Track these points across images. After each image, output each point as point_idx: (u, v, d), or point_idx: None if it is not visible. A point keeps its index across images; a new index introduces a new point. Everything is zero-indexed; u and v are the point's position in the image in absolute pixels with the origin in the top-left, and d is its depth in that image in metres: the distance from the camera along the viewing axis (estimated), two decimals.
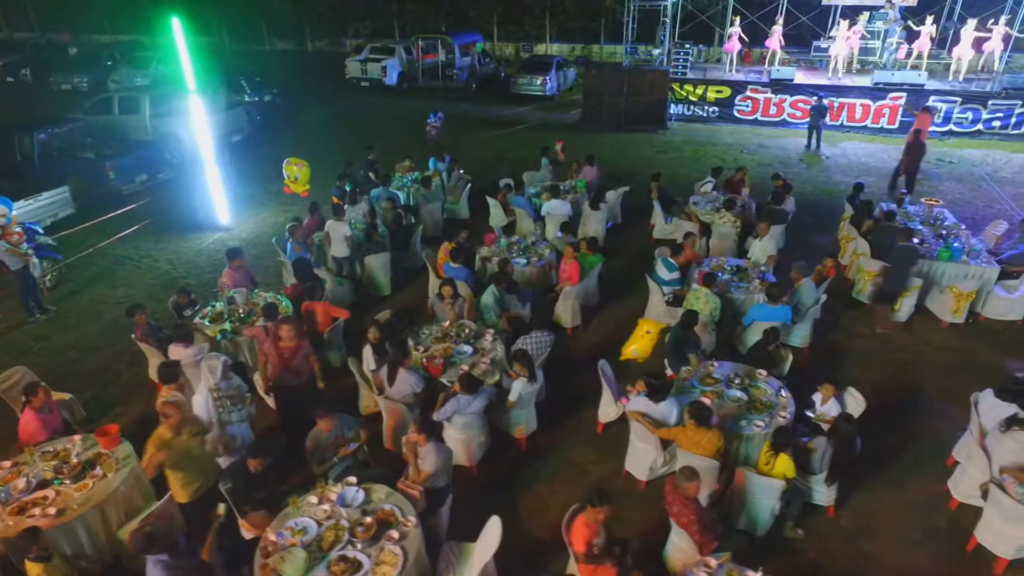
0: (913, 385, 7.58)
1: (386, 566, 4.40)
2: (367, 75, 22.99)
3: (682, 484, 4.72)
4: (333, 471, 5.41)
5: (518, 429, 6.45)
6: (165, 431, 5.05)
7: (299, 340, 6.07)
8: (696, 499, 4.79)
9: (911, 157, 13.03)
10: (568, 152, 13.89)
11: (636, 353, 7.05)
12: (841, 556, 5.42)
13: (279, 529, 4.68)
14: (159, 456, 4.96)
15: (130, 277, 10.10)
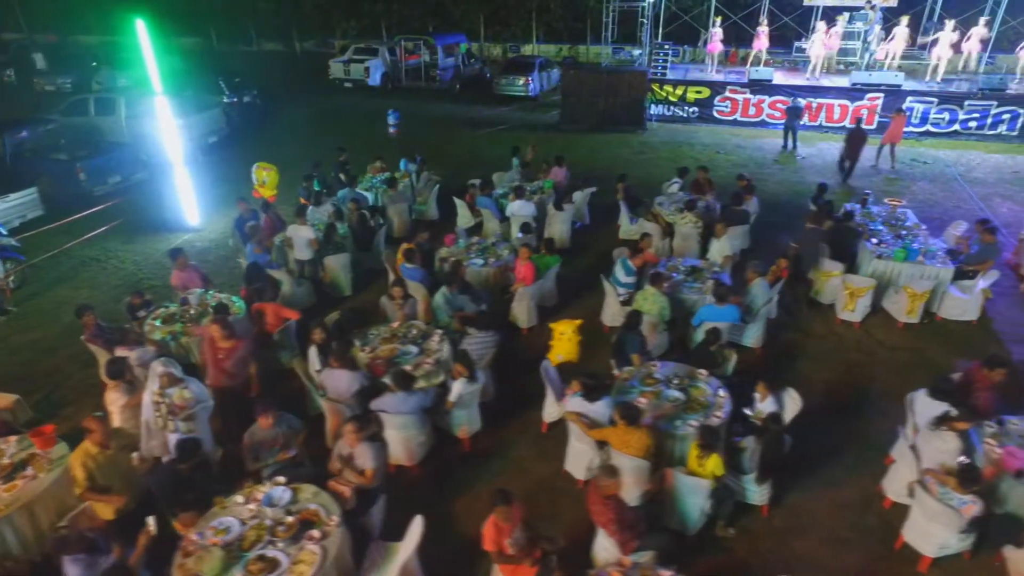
0: (863, 385, 7.62)
1: (303, 565, 4.44)
2: (350, 76, 23.04)
3: (601, 483, 4.76)
4: (267, 471, 5.45)
5: (461, 429, 6.49)
6: (90, 446, 5.07)
7: (234, 342, 6.10)
8: (616, 498, 4.82)
9: (851, 146, 14.00)
10: (540, 153, 13.91)
11: (561, 358, 7.09)
12: (770, 555, 5.45)
13: (202, 529, 4.73)
14: (84, 472, 4.97)
15: (95, 278, 10.13)
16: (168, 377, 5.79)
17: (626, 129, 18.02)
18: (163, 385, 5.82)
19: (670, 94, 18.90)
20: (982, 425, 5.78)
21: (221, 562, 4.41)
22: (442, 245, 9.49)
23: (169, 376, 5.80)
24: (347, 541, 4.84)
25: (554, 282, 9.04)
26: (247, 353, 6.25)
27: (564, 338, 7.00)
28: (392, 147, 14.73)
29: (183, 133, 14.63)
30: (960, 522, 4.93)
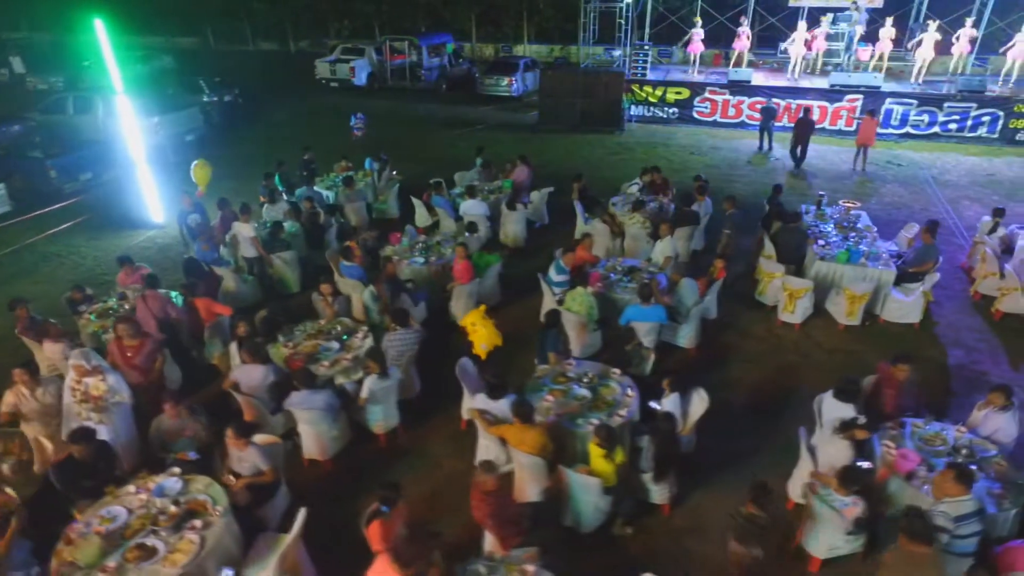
0: (793, 386, 7.60)
1: (179, 554, 4.53)
2: (336, 75, 23.21)
3: (479, 479, 4.82)
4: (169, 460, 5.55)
5: (377, 425, 6.56)
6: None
7: (140, 340, 6.22)
8: (494, 493, 4.85)
9: (798, 133, 14.91)
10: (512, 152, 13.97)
11: (485, 347, 7.14)
12: (664, 554, 5.47)
13: (89, 517, 4.84)
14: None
15: (53, 273, 10.31)
16: (79, 368, 5.92)
17: (604, 130, 18.03)
18: (78, 375, 5.95)
19: (650, 95, 18.89)
20: (882, 428, 5.78)
21: (99, 550, 4.52)
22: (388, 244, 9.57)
23: (80, 367, 5.92)
24: (232, 532, 4.93)
25: (496, 281, 9.10)
26: (154, 350, 6.36)
27: (477, 328, 7.05)
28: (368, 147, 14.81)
29: (159, 131, 14.96)
30: (843, 524, 4.94)
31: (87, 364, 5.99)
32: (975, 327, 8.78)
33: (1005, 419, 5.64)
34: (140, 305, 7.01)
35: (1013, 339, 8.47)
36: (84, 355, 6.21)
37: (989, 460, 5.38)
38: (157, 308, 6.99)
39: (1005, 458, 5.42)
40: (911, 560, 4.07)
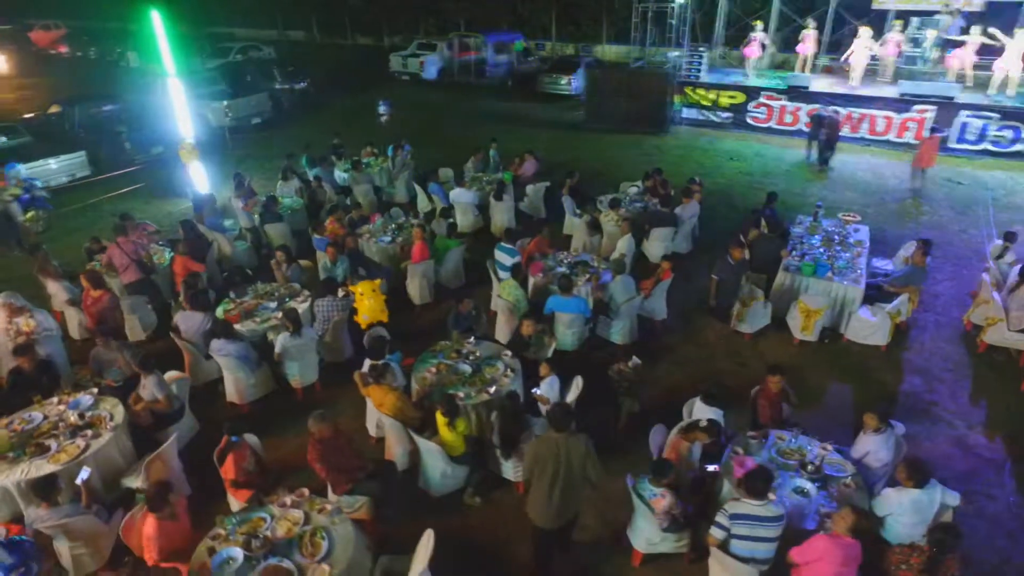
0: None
1: (63, 454, 5.43)
2: (407, 69, 24.47)
3: (312, 427, 5.31)
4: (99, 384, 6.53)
5: (294, 379, 7.24)
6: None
7: (101, 292, 7.32)
8: (325, 441, 5.29)
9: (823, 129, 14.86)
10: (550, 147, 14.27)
11: (367, 317, 7.57)
12: (501, 528, 5.71)
13: (13, 417, 5.87)
14: None
15: (106, 230, 11.93)
16: (8, 308, 7.09)
17: (648, 131, 17.82)
18: (9, 314, 7.12)
19: (703, 98, 18.41)
20: (742, 435, 5.67)
21: (7, 442, 5.51)
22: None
23: (9, 307, 7.10)
24: (120, 445, 5.78)
25: (459, 265, 9.54)
26: (113, 302, 7.44)
27: (364, 299, 7.52)
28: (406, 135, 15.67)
29: (228, 113, 16.68)
30: (656, 516, 4.96)
31: (16, 303, 7.17)
32: (951, 357, 8.10)
33: (876, 442, 5.37)
34: (115, 251, 8.14)
35: (986, 373, 7.76)
36: (11, 296, 7.40)
37: (837, 480, 5.16)
38: (131, 251, 8.10)
39: (860, 481, 5.17)
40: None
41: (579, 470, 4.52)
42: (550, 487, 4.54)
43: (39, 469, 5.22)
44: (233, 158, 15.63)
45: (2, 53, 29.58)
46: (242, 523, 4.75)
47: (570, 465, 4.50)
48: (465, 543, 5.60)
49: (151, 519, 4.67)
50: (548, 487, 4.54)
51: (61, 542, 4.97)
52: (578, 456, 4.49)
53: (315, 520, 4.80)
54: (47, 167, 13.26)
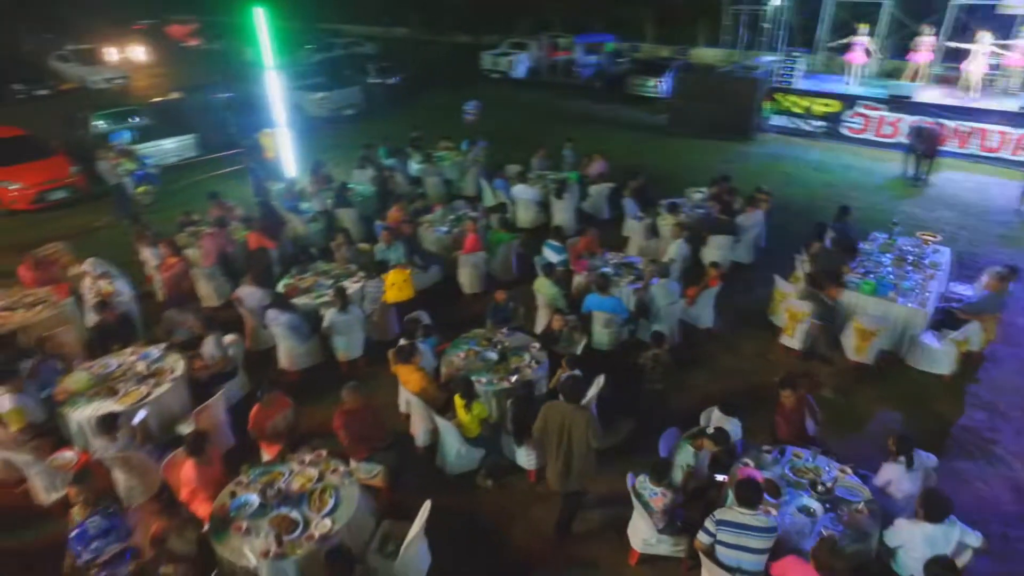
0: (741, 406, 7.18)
1: (128, 397, 6.17)
2: (497, 68, 24.97)
3: (342, 396, 5.72)
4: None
5: (340, 353, 7.75)
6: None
7: (176, 259, 8.22)
8: (350, 411, 5.70)
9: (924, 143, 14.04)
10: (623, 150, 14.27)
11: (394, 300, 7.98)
12: (507, 511, 5.91)
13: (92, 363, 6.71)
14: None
15: (201, 205, 13.13)
16: (90, 274, 8.03)
17: (731, 137, 17.27)
18: (93, 278, 8.08)
19: (795, 105, 17.61)
20: (757, 448, 5.54)
21: (86, 383, 6.33)
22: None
23: (90, 273, 8.03)
24: (178, 395, 6.47)
25: (510, 258, 9.76)
26: (184, 269, 8.28)
27: (395, 287, 7.94)
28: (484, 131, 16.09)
29: (323, 104, 17.82)
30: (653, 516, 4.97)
31: (95, 271, 8.08)
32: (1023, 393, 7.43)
33: (897, 471, 5.09)
34: (208, 239, 9.04)
35: None
36: (97, 263, 8.32)
37: (848, 503, 4.94)
38: (220, 244, 9.01)
39: (875, 508, 4.92)
40: None
41: (581, 438, 5.00)
42: (556, 450, 5.12)
43: (106, 408, 5.95)
44: (321, 146, 16.66)
45: (143, 45, 32.82)
46: (263, 474, 5.23)
47: (572, 434, 5.01)
48: (471, 521, 5.85)
49: (190, 462, 5.23)
50: (554, 450, 5.13)
51: (118, 473, 5.66)
52: (581, 426, 4.97)
53: (327, 479, 5.19)
54: (162, 147, 14.77)
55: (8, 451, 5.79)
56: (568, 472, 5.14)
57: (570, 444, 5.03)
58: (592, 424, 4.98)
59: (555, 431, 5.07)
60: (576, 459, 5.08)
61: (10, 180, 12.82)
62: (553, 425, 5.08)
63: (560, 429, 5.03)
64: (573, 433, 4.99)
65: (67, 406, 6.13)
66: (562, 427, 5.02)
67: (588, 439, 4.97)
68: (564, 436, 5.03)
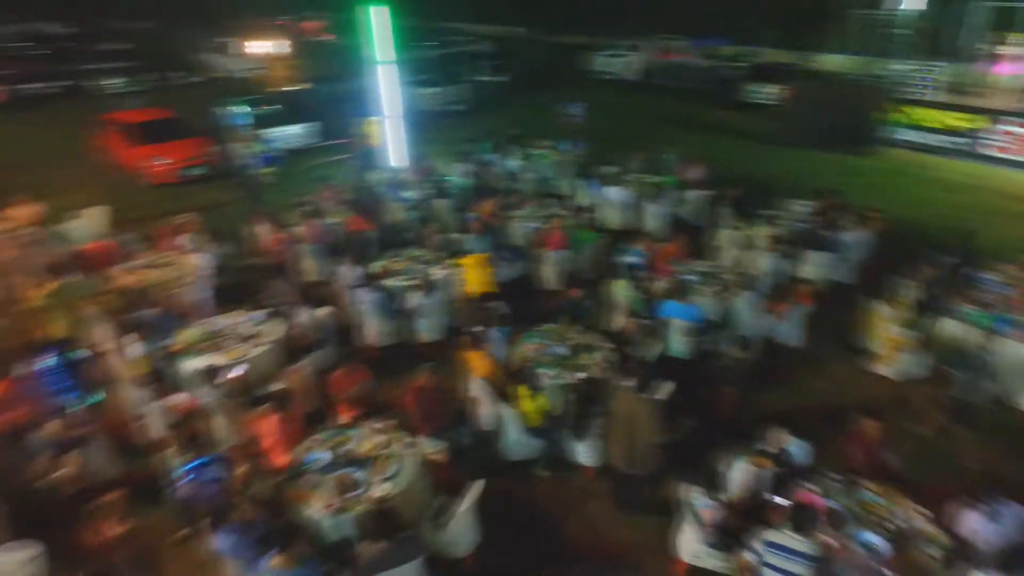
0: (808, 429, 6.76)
1: (230, 353, 6.89)
2: (608, 69, 24.83)
3: (417, 374, 6.06)
4: None
5: (422, 334, 8.18)
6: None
7: (279, 235, 9.03)
8: (420, 389, 6.04)
9: None
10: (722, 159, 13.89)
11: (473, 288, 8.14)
12: (559, 503, 6.04)
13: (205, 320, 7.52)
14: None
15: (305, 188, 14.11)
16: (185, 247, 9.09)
17: (850, 150, 16.21)
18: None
19: (928, 118, 16.24)
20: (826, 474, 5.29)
21: (198, 337, 7.14)
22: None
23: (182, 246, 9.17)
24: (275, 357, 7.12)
25: (593, 257, 9.79)
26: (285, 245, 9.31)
27: (470, 270, 8.17)
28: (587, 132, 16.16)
29: (432, 99, 18.61)
30: (700, 525, 4.92)
31: (188, 246, 8.92)
32: None
33: (978, 520, 4.70)
34: (309, 227, 9.83)
35: None
36: (189, 239, 9.17)
37: (918, 548, 4.62)
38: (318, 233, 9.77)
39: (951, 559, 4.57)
40: None
41: (644, 426, 5.38)
42: (618, 432, 5.53)
43: (210, 361, 6.67)
44: (427, 139, 17.36)
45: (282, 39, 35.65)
46: (335, 436, 5.68)
47: (636, 420, 5.39)
48: (524, 507, 6.02)
49: (274, 416, 5.77)
50: (618, 432, 5.53)
51: (215, 419, 6.32)
52: (644, 414, 5.37)
53: (392, 448, 5.56)
54: (287, 132, 16.06)
55: (134, 389, 6.62)
56: (630, 455, 5.51)
57: (633, 429, 5.42)
58: (655, 416, 5.41)
59: (622, 416, 5.49)
60: (638, 444, 5.45)
61: (160, 156, 14.42)
62: (622, 409, 5.51)
63: (627, 414, 5.46)
64: (637, 420, 5.39)
65: (181, 356, 6.93)
66: (629, 413, 5.45)
67: (649, 429, 5.36)
68: (629, 421, 5.43)
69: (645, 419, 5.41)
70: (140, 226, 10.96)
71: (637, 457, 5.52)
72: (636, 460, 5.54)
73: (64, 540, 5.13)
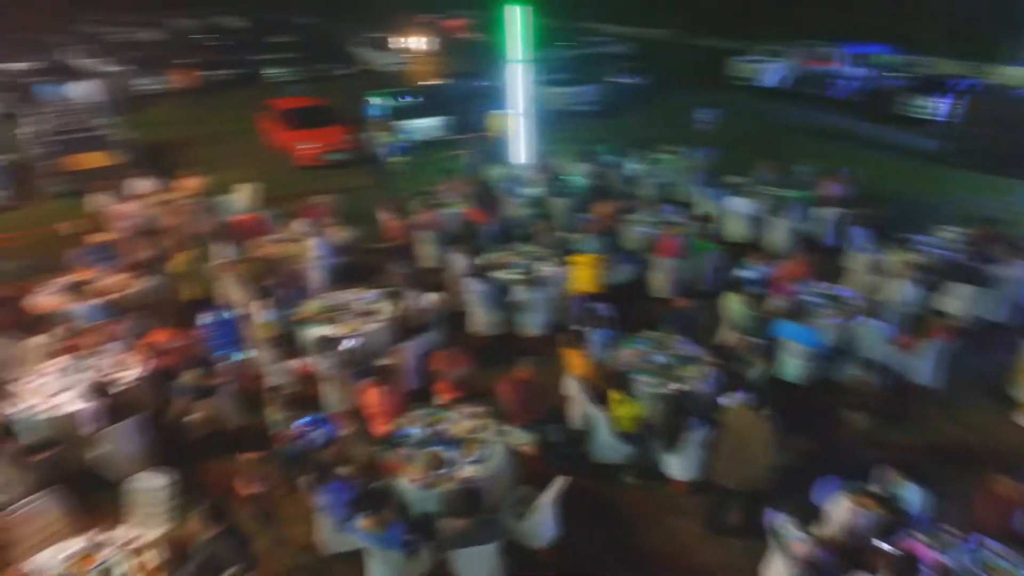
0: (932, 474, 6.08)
1: (345, 327, 7.43)
2: (746, 74, 23.61)
3: (519, 366, 6.20)
4: None
5: (524, 327, 8.36)
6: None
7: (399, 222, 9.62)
8: (521, 381, 6.16)
9: None
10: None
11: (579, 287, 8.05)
12: (642, 513, 5.94)
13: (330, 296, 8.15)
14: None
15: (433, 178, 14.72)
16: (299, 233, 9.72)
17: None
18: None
19: None
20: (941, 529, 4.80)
21: (318, 309, 7.76)
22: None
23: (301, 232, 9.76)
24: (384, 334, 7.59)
25: (706, 268, 9.46)
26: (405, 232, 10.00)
27: (580, 268, 8.11)
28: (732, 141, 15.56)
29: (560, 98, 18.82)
30: (788, 557, 4.66)
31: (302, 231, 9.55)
32: None
33: None
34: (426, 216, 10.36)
35: None
36: (302, 224, 9.76)
37: None
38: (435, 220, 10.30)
39: None
40: None
41: (754, 446, 5.15)
42: (726, 448, 5.33)
43: (326, 332, 7.23)
44: (552, 138, 17.52)
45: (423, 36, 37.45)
46: (431, 415, 5.97)
47: (745, 437, 5.19)
48: (606, 510, 5.99)
49: (377, 389, 6.16)
50: (726, 448, 5.34)
51: (325, 385, 6.86)
52: (757, 433, 5.13)
53: (482, 433, 5.75)
54: (422, 124, 16.92)
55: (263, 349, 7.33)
56: (735, 473, 5.30)
57: (743, 446, 5.21)
58: (771, 435, 5.11)
59: (733, 431, 5.29)
60: (746, 463, 5.22)
61: (307, 140, 15.74)
62: (733, 424, 5.31)
63: (739, 429, 5.25)
64: (749, 437, 5.17)
65: (304, 324, 7.58)
66: (741, 428, 5.24)
67: (763, 448, 5.09)
68: (740, 437, 5.23)
69: (759, 437, 5.15)
70: (284, 203, 12.07)
71: (743, 475, 5.28)
72: (741, 478, 5.31)
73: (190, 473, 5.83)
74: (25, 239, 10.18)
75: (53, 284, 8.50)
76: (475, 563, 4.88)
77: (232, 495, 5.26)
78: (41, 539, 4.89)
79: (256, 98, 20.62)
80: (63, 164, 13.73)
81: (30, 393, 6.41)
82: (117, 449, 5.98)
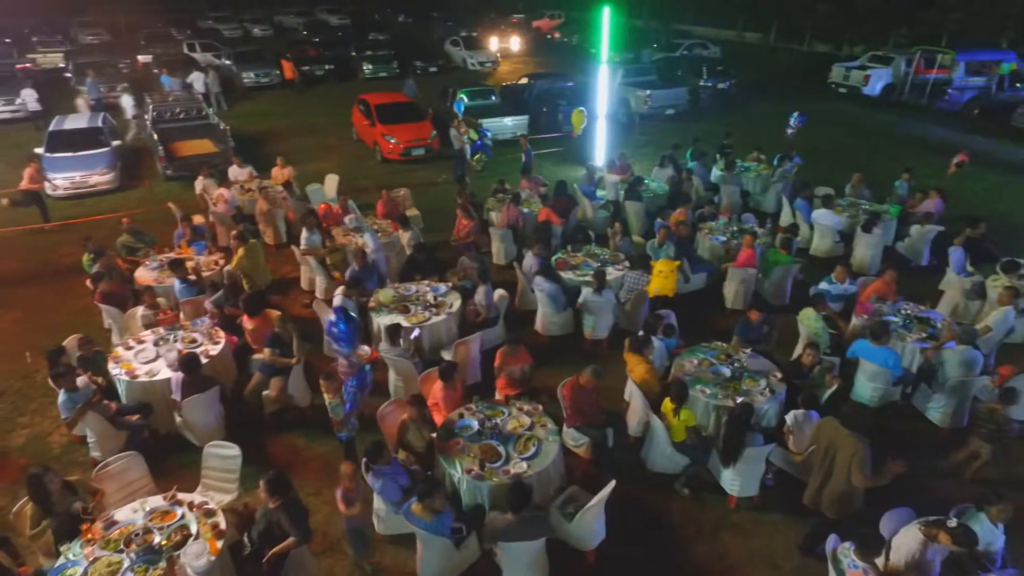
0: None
1: (413, 317, 7.67)
2: (847, 82, 22.30)
3: (583, 372, 6.19)
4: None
5: (587, 330, 8.32)
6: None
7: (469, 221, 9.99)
8: (580, 386, 6.11)
9: None
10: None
11: (657, 291, 7.83)
12: (693, 525, 5.82)
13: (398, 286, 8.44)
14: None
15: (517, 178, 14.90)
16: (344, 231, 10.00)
17: None
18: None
19: None
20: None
21: (391, 298, 8.06)
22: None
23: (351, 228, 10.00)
24: (449, 327, 7.79)
25: (784, 282, 9.11)
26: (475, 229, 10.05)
27: (661, 276, 7.92)
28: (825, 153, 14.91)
29: (648, 101, 18.58)
30: None
31: (351, 226, 9.91)
32: None
33: None
34: (504, 210, 10.50)
35: None
36: (351, 220, 10.01)
37: None
38: (515, 215, 10.38)
39: None
40: None
41: (844, 464, 4.84)
42: (818, 467, 5.12)
43: (395, 320, 7.50)
44: (634, 141, 17.34)
45: (516, 36, 37.78)
46: (488, 409, 6.09)
47: (836, 457, 4.92)
48: (656, 520, 5.90)
49: (439, 383, 6.34)
50: (817, 467, 5.14)
51: (392, 372, 7.13)
52: (846, 452, 4.83)
53: (536, 431, 5.81)
54: (502, 123, 17.14)
55: None
56: (823, 493, 5.08)
57: (831, 467, 4.98)
58: (860, 456, 4.77)
59: (822, 448, 5.09)
60: (833, 483, 4.98)
61: (392, 135, 16.31)
62: (822, 441, 5.11)
63: (827, 447, 5.02)
64: (837, 457, 4.91)
65: (374, 312, 7.90)
66: (829, 446, 5.00)
67: (851, 470, 4.78)
68: (829, 456, 5.00)
69: (847, 457, 4.81)
70: (365, 195, 12.58)
71: (828, 497, 5.03)
72: (826, 500, 5.05)
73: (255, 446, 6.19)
74: (138, 217, 11.13)
75: (156, 260, 9.26)
76: (520, 558, 4.96)
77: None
78: (127, 494, 5.37)
79: (347, 92, 21.56)
80: (175, 149, 14.89)
81: (130, 359, 7.03)
82: (199, 417, 6.46)
